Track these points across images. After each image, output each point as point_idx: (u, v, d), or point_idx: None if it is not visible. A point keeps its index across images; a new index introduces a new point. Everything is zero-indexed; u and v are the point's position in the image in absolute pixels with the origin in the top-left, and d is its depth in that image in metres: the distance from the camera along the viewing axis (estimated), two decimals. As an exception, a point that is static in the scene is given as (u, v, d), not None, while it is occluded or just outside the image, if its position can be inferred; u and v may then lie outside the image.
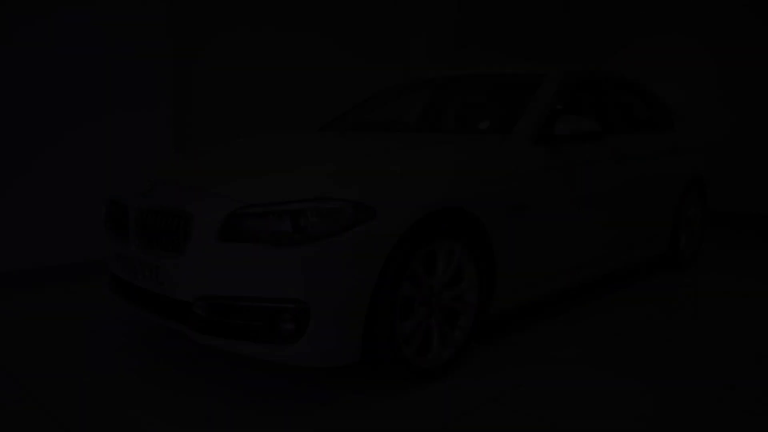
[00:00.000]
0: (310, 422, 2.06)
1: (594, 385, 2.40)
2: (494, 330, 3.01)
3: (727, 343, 2.90)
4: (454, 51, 6.33)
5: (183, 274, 2.19)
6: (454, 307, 2.47)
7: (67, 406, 2.17)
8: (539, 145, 2.91)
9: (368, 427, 2.04)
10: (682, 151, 4.23)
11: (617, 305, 3.50)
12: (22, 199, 3.77)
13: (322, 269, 2.03)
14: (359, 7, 5.74)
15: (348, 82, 5.69)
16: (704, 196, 4.58)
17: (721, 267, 4.53)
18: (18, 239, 3.77)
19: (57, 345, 2.77)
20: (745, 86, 7.18)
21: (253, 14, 4.93)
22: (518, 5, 7.64)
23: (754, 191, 7.20)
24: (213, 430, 2.01)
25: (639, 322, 3.21)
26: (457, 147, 2.72)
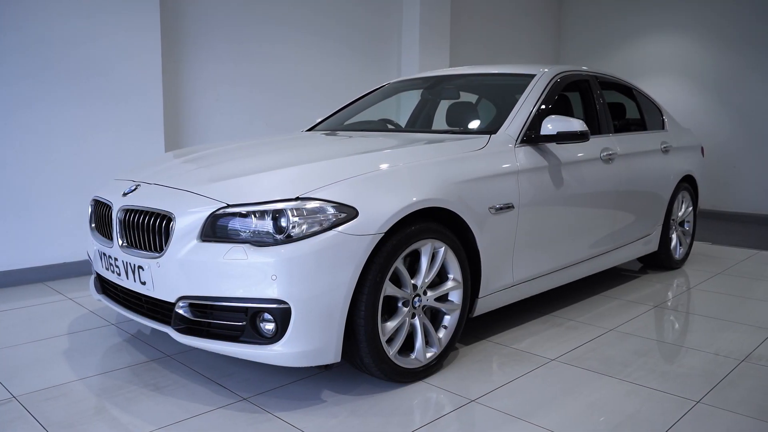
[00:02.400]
0: (296, 422, 2.06)
1: (580, 385, 2.40)
2: (479, 329, 3.01)
3: (721, 343, 2.91)
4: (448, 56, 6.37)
5: (165, 274, 2.19)
6: (438, 307, 2.47)
7: (52, 406, 2.16)
8: (526, 145, 2.92)
9: (351, 426, 2.04)
10: (672, 151, 4.23)
11: (605, 305, 3.51)
12: (15, 199, 3.76)
13: (303, 269, 2.03)
14: (354, 11, 5.74)
15: (341, 84, 5.69)
16: (695, 196, 4.59)
17: (713, 266, 4.53)
18: (8, 239, 3.77)
19: (45, 345, 2.77)
20: (740, 88, 7.19)
21: (248, 17, 4.93)
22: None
23: (748, 191, 7.21)
24: (199, 431, 2.01)
25: (628, 321, 3.21)
26: (443, 147, 2.72)
